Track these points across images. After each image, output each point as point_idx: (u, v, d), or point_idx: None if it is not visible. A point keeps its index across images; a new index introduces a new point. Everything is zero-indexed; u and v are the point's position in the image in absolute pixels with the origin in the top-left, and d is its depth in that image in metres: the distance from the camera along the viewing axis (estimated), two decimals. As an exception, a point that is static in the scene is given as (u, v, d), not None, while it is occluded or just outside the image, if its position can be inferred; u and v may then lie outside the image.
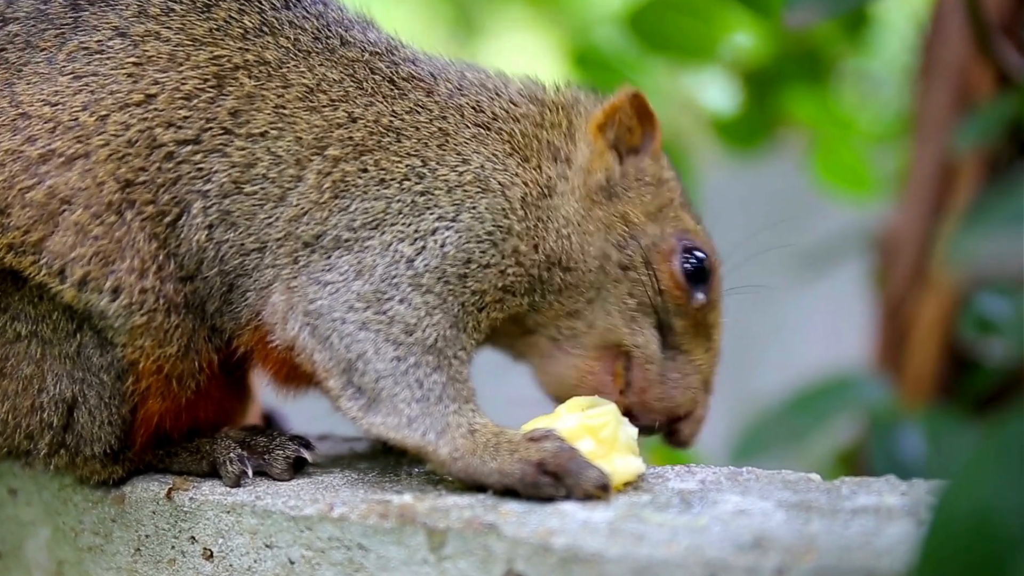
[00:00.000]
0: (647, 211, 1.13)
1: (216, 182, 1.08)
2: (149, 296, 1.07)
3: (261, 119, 1.09)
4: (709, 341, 1.15)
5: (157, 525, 1.11)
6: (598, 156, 1.14)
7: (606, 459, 1.03)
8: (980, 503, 0.69)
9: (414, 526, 0.98)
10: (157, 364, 1.08)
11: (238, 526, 1.05)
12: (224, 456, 1.10)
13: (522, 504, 0.98)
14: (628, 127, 1.15)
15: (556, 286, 1.11)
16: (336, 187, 1.08)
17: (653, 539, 0.91)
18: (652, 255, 1.12)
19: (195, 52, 1.10)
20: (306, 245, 1.07)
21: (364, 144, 1.09)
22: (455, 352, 1.06)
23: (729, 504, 0.97)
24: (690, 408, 1.14)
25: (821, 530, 0.91)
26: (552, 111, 1.16)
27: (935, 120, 1.87)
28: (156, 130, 1.08)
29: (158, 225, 1.08)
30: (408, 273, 1.06)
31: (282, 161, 1.09)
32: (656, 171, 1.16)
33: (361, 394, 1.04)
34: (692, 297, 1.13)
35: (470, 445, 1.01)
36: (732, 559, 0.88)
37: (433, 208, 1.07)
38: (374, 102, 1.11)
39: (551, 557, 0.92)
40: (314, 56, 1.12)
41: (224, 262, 1.09)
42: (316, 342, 1.05)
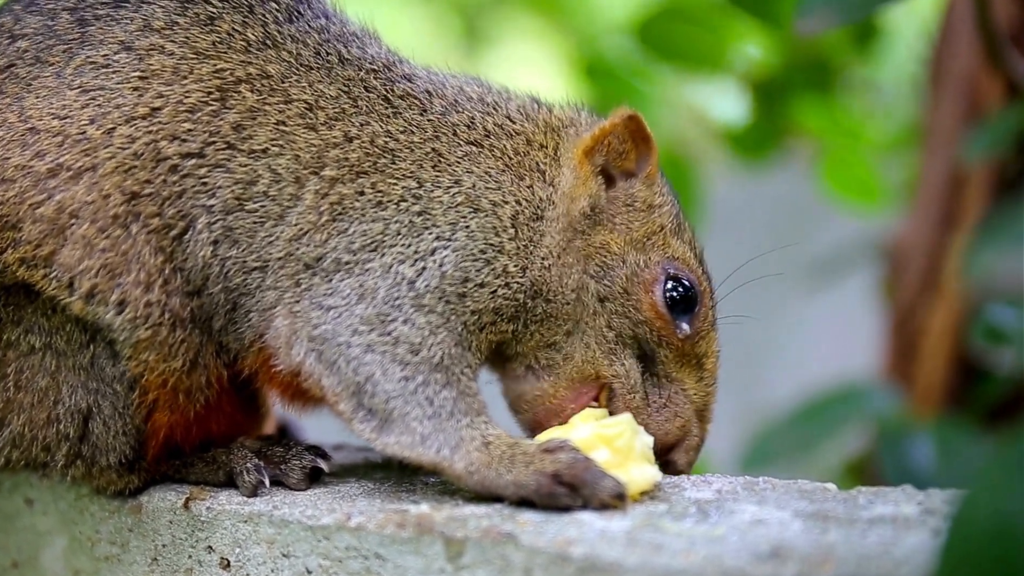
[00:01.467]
0: (632, 239, 1.12)
1: (220, 197, 1.09)
2: (154, 310, 1.08)
3: (262, 135, 1.10)
4: (701, 370, 1.13)
5: (174, 535, 1.11)
6: (582, 182, 1.12)
7: (622, 468, 1.03)
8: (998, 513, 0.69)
9: (432, 535, 0.98)
10: (162, 378, 1.09)
11: (255, 535, 1.06)
12: (241, 466, 1.10)
13: (540, 514, 0.99)
14: (621, 151, 1.13)
15: (537, 316, 1.10)
16: (334, 209, 1.08)
17: (671, 549, 0.91)
18: (632, 285, 1.11)
19: (198, 65, 1.11)
20: (307, 267, 1.08)
21: (360, 166, 1.09)
22: (462, 368, 1.06)
23: (746, 514, 0.98)
24: (679, 436, 1.12)
25: (839, 540, 0.91)
26: (542, 132, 1.15)
27: (944, 130, 1.87)
28: (161, 143, 1.09)
29: (164, 239, 1.09)
30: (410, 294, 1.06)
31: (282, 179, 1.09)
32: (647, 196, 1.14)
33: (373, 416, 1.04)
34: (676, 327, 1.11)
35: (485, 458, 1.02)
36: (750, 569, 0.88)
37: (431, 228, 1.07)
38: (369, 121, 1.11)
39: (569, 567, 0.92)
40: (314, 72, 1.12)
41: (228, 279, 1.09)
42: (323, 367, 1.05)
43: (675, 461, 1.12)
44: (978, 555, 0.69)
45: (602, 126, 1.13)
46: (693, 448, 1.13)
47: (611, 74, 2.24)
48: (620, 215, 1.13)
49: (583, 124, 1.16)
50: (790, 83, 2.11)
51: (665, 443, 1.12)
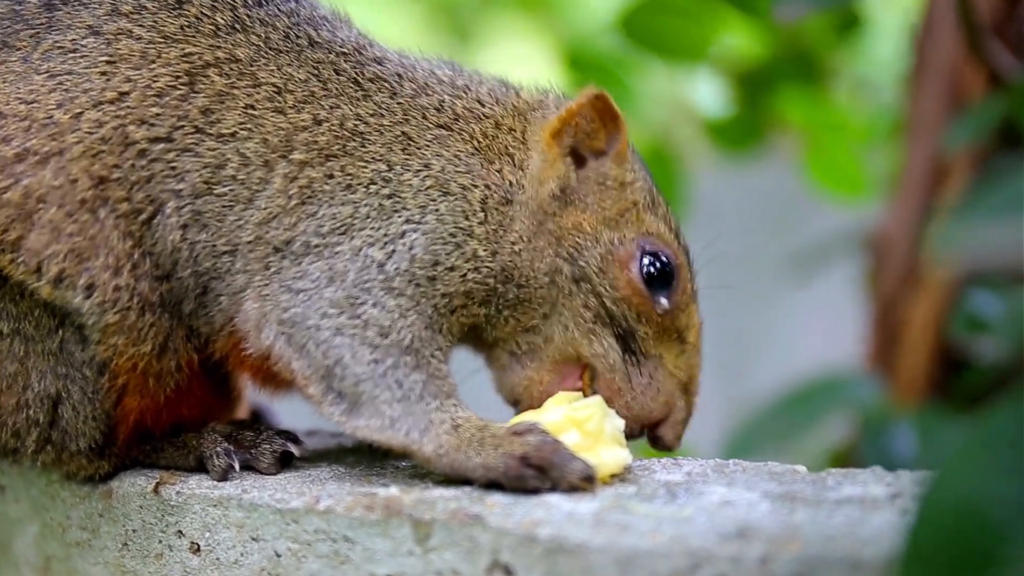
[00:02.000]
0: (605, 217, 1.12)
1: (188, 182, 1.09)
2: (123, 294, 1.07)
3: (231, 119, 1.10)
4: (682, 344, 1.13)
5: (144, 519, 1.11)
6: (550, 165, 1.12)
7: (592, 451, 1.03)
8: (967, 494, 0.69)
9: (400, 518, 0.98)
10: (132, 362, 1.09)
11: (225, 519, 1.06)
12: (211, 450, 1.10)
13: (508, 496, 0.99)
14: (589, 131, 1.13)
15: (510, 301, 1.10)
16: (303, 193, 1.08)
17: (638, 529, 0.91)
18: (607, 263, 1.10)
19: (166, 49, 1.11)
20: (276, 251, 1.07)
21: (329, 149, 1.09)
22: (432, 351, 1.06)
23: (715, 495, 0.98)
24: (664, 413, 1.12)
25: (806, 520, 0.91)
26: (510, 115, 1.14)
27: (927, 121, 1.87)
28: (129, 127, 1.09)
29: (133, 223, 1.08)
30: (379, 277, 1.06)
31: (250, 163, 1.09)
32: (619, 175, 1.14)
33: (342, 399, 1.04)
34: (655, 303, 1.11)
35: (454, 441, 1.02)
36: (716, 549, 0.88)
37: (401, 211, 1.07)
38: (339, 104, 1.10)
39: (536, 548, 0.92)
40: (283, 55, 1.12)
41: (198, 263, 1.09)
42: (293, 351, 1.05)
43: (663, 437, 1.13)
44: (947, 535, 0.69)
45: (569, 107, 1.13)
46: (680, 422, 1.13)
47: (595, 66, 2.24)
48: (592, 195, 1.12)
49: (551, 106, 1.16)
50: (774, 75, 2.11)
51: (650, 420, 1.12)
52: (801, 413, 1.82)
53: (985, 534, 0.66)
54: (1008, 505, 0.66)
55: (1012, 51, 1.75)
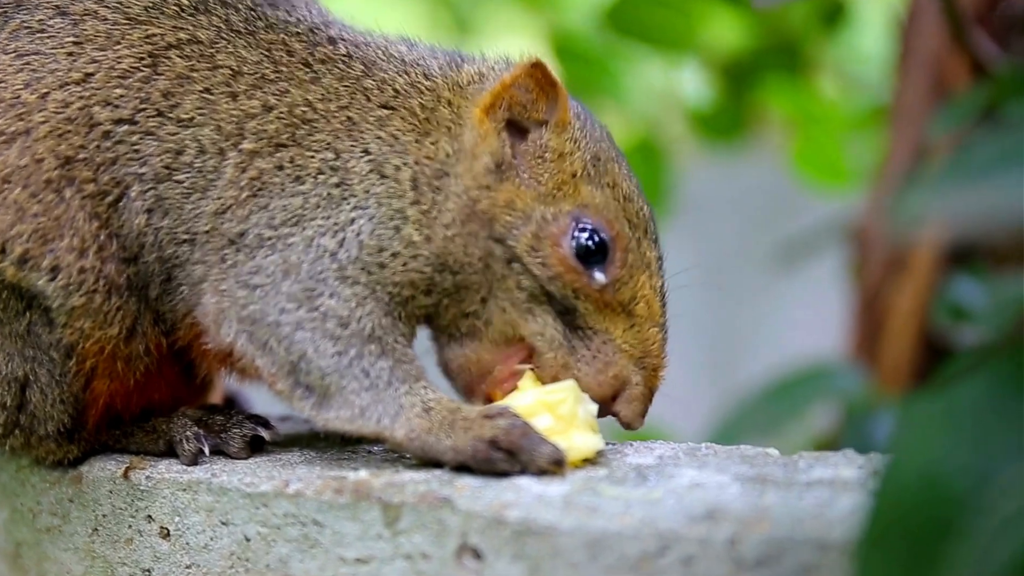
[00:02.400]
0: (540, 193, 1.08)
1: (151, 166, 1.08)
2: (88, 276, 1.06)
3: (189, 103, 1.09)
4: (631, 317, 1.09)
5: (114, 504, 1.10)
6: (482, 140, 1.08)
7: (564, 435, 1.03)
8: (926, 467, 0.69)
9: (369, 501, 0.97)
10: (99, 345, 1.08)
11: (194, 504, 1.05)
12: (181, 435, 1.10)
13: (478, 479, 0.98)
14: (526, 101, 1.09)
15: (448, 289, 1.08)
16: (253, 185, 1.07)
17: (607, 512, 0.91)
18: (538, 241, 1.07)
19: (130, 30, 1.10)
20: (231, 243, 1.06)
21: (279, 138, 1.08)
22: (395, 337, 1.05)
23: (685, 478, 0.97)
24: (615, 388, 1.09)
25: (775, 502, 0.91)
26: (450, 89, 1.11)
27: (911, 110, 1.87)
28: (94, 108, 1.08)
29: (99, 204, 1.08)
30: (333, 267, 1.05)
31: (206, 151, 1.08)
32: (558, 145, 1.09)
33: (311, 392, 1.04)
34: (590, 278, 1.08)
35: (426, 424, 1.01)
36: (684, 530, 0.87)
37: (348, 198, 1.06)
38: (289, 89, 1.09)
39: (505, 530, 0.91)
40: (241, 37, 1.11)
41: (162, 249, 1.08)
42: (255, 348, 1.05)
43: (619, 413, 1.09)
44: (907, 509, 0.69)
45: (502, 80, 1.09)
46: (637, 398, 1.09)
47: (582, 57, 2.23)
48: (529, 169, 1.09)
49: (489, 79, 1.12)
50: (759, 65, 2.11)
51: (602, 396, 1.08)
52: (785, 403, 1.82)
53: (945, 505, 0.66)
54: (967, 475, 0.65)
55: (995, 40, 1.74)
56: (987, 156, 0.70)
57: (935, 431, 0.68)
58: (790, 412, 1.81)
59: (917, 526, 0.66)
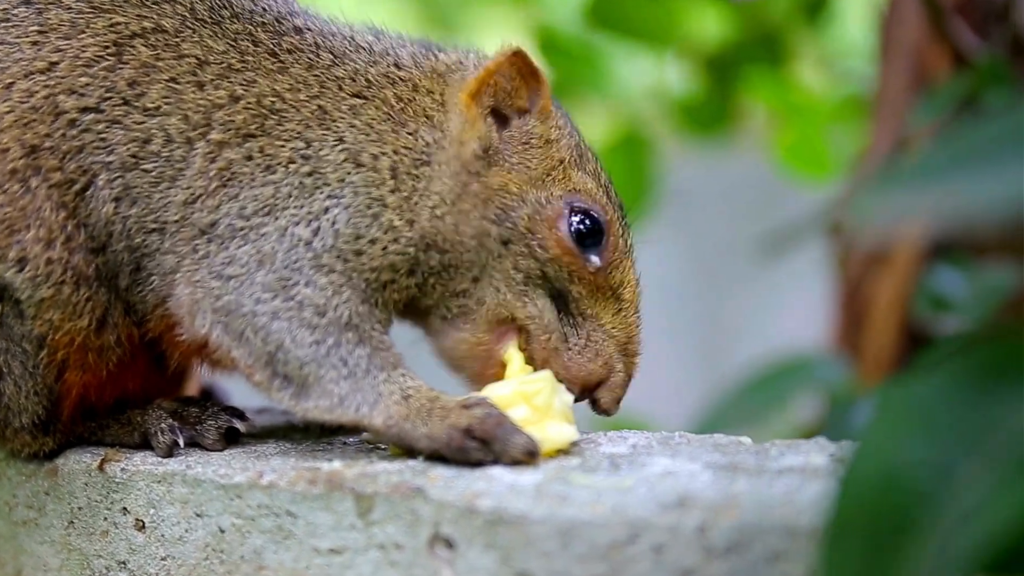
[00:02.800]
0: (531, 177, 1.10)
1: (118, 154, 1.08)
2: (56, 267, 1.06)
3: (155, 92, 1.09)
4: (619, 302, 1.11)
5: (90, 497, 1.10)
6: (470, 125, 1.09)
7: (539, 426, 1.03)
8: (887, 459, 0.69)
9: (342, 492, 0.97)
10: (69, 336, 1.08)
11: (169, 496, 1.05)
12: (156, 427, 1.10)
13: (451, 469, 0.98)
14: (509, 89, 1.10)
15: (434, 268, 1.08)
16: (222, 175, 1.07)
17: (578, 500, 0.91)
18: (535, 223, 1.08)
19: (95, 19, 1.10)
20: (202, 233, 1.06)
21: (247, 128, 1.08)
22: (372, 324, 1.05)
23: (657, 466, 0.97)
24: (603, 375, 1.10)
25: (746, 489, 0.91)
26: (428, 77, 1.12)
27: (893, 101, 1.88)
28: (59, 97, 1.08)
29: (66, 194, 1.08)
30: (308, 255, 1.05)
31: (173, 140, 1.08)
32: (543, 132, 1.11)
33: (289, 382, 1.04)
34: (586, 261, 1.09)
35: (403, 411, 1.01)
36: (655, 518, 0.88)
37: (322, 187, 1.06)
38: (256, 79, 1.09)
39: (477, 519, 0.92)
40: (207, 27, 1.11)
41: (131, 238, 1.08)
42: (231, 339, 1.04)
43: (600, 399, 1.10)
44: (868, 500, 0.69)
45: (487, 67, 1.11)
46: (619, 385, 1.11)
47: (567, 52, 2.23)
48: (517, 154, 1.10)
49: (471, 67, 1.13)
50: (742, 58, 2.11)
51: (588, 383, 1.10)
52: (769, 394, 1.83)
53: (905, 499, 0.66)
54: (928, 469, 0.66)
55: (975, 30, 1.75)
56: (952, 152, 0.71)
57: (898, 423, 0.68)
58: (773, 403, 1.82)
59: (879, 518, 0.67)
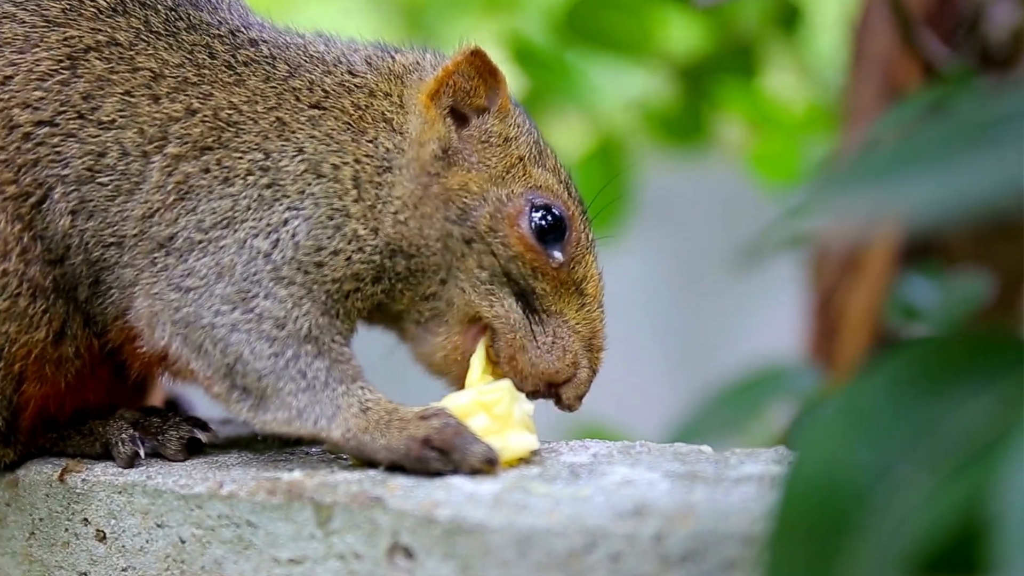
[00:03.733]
0: (491, 175, 1.10)
1: (73, 168, 1.08)
2: (11, 279, 1.06)
3: (109, 106, 1.09)
4: (582, 297, 1.12)
5: (51, 508, 1.10)
6: (429, 126, 1.10)
7: (500, 435, 1.03)
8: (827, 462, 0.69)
9: (301, 501, 0.98)
10: (26, 349, 1.08)
11: (130, 506, 1.05)
12: (117, 437, 1.10)
13: (411, 479, 0.99)
14: (468, 88, 1.11)
15: (401, 274, 1.09)
16: (179, 189, 1.07)
17: (536, 509, 0.91)
18: (497, 222, 1.09)
19: (48, 33, 1.10)
20: (160, 246, 1.07)
21: (204, 141, 1.08)
22: (332, 337, 1.05)
23: (616, 475, 0.98)
24: (570, 372, 1.11)
25: (703, 498, 0.92)
26: (385, 80, 1.13)
27: (864, 110, 1.89)
28: (14, 111, 1.08)
29: (22, 206, 1.08)
30: (267, 268, 1.05)
31: (129, 154, 1.08)
32: (502, 130, 1.12)
33: (248, 394, 1.04)
34: (549, 256, 1.10)
35: (362, 423, 1.02)
36: (612, 526, 0.88)
37: (281, 199, 1.06)
38: (213, 92, 1.09)
39: (435, 529, 0.92)
40: (162, 39, 1.11)
41: (88, 251, 1.08)
42: (190, 351, 1.05)
43: (563, 395, 1.11)
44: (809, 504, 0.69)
45: (445, 66, 1.11)
46: (583, 382, 1.11)
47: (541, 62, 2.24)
48: (476, 153, 1.11)
49: (428, 67, 1.14)
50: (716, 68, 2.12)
51: (556, 380, 1.10)
52: (743, 403, 1.83)
53: (845, 502, 0.66)
54: (866, 471, 0.66)
55: (944, 41, 1.76)
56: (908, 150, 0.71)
57: (838, 425, 0.69)
58: (747, 412, 1.82)
59: (819, 521, 0.67)
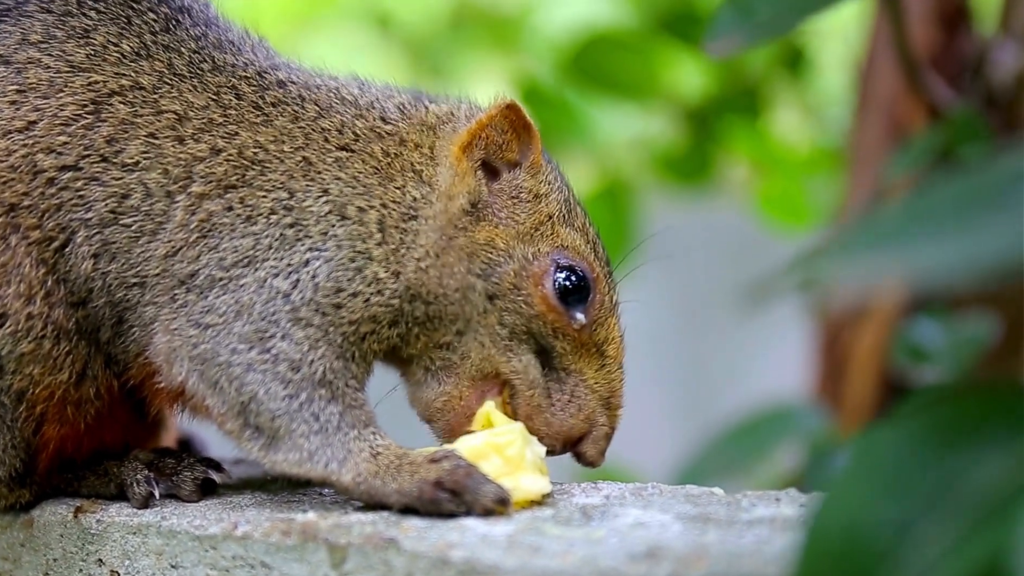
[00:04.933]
0: (519, 232, 1.10)
1: (96, 211, 1.09)
2: (37, 322, 1.07)
3: (134, 148, 1.10)
4: (602, 358, 1.12)
5: (65, 548, 1.11)
6: (460, 179, 1.10)
7: (512, 477, 1.04)
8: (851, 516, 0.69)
9: (316, 542, 0.98)
10: (49, 391, 1.09)
11: (144, 547, 1.06)
12: (132, 478, 1.10)
13: (425, 520, 0.99)
14: (501, 142, 1.11)
15: (419, 318, 1.08)
16: (202, 227, 1.08)
17: (549, 551, 0.92)
18: (521, 280, 1.09)
19: (73, 78, 1.12)
20: (181, 283, 1.07)
21: (228, 179, 1.09)
22: (346, 381, 1.06)
23: (629, 517, 0.98)
24: (585, 429, 1.11)
25: (715, 540, 0.92)
26: (417, 130, 1.12)
27: (870, 152, 1.90)
28: (38, 155, 1.10)
29: (45, 251, 1.09)
30: (286, 308, 1.05)
31: (152, 194, 1.09)
32: (533, 186, 1.12)
33: (260, 434, 1.05)
34: (571, 318, 1.10)
35: (373, 468, 1.02)
36: (625, 568, 0.88)
37: (303, 239, 1.07)
38: (239, 131, 1.10)
39: (449, 570, 0.92)
40: (186, 82, 1.12)
41: (111, 293, 1.09)
42: (206, 387, 1.05)
43: (585, 453, 1.11)
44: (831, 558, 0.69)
45: (479, 119, 1.11)
46: (602, 438, 1.11)
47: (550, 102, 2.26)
48: (505, 208, 1.11)
49: (462, 119, 1.13)
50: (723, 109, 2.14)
51: (570, 437, 1.10)
52: (750, 444, 1.83)
53: (867, 557, 0.66)
54: (888, 527, 0.66)
55: (950, 84, 1.78)
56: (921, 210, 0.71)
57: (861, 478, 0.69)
58: (754, 453, 1.82)
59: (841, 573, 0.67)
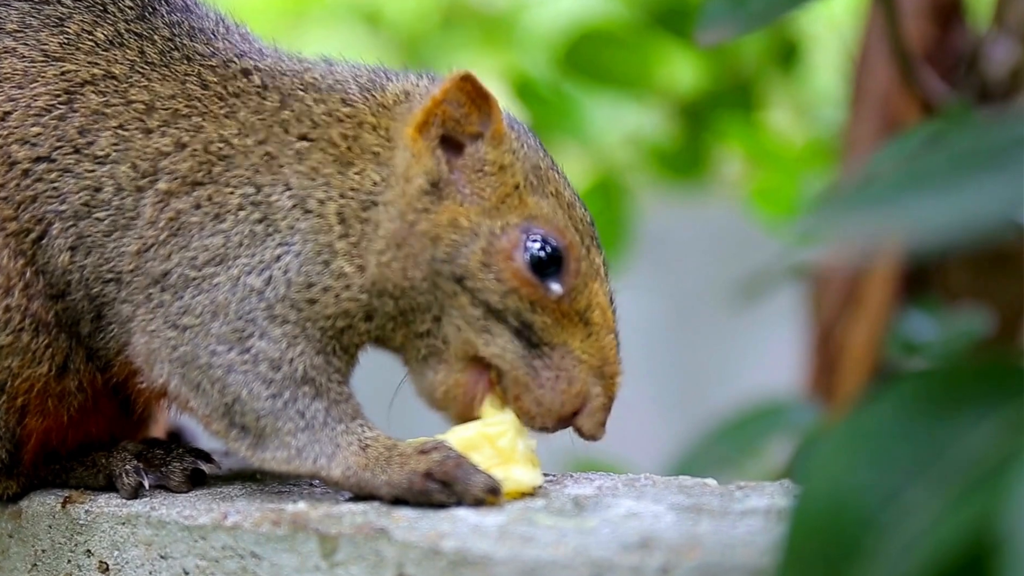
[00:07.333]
0: (485, 207, 1.06)
1: (70, 204, 1.08)
2: (14, 314, 1.06)
3: (104, 140, 1.08)
4: (588, 326, 1.07)
5: (53, 539, 1.10)
6: (416, 160, 1.06)
7: (503, 469, 1.03)
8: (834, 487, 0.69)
9: (306, 532, 0.97)
10: (29, 383, 1.07)
11: (133, 538, 1.05)
12: (120, 469, 1.09)
13: (416, 510, 0.98)
14: (459, 116, 1.06)
15: (391, 314, 1.06)
16: (171, 225, 1.06)
17: (541, 541, 0.91)
18: (490, 256, 1.05)
19: (46, 68, 1.10)
20: (155, 282, 1.06)
21: (194, 176, 1.07)
22: (329, 376, 1.05)
23: (621, 508, 0.98)
24: (578, 404, 1.06)
25: (709, 530, 0.92)
26: (374, 112, 1.09)
27: (862, 146, 1.90)
28: (12, 147, 1.08)
29: (23, 242, 1.08)
30: (261, 306, 1.04)
31: (123, 188, 1.08)
32: (496, 157, 1.07)
33: (247, 433, 1.04)
34: (546, 289, 1.05)
35: (362, 461, 1.01)
36: (618, 559, 0.88)
37: (273, 235, 1.05)
38: (203, 124, 1.08)
39: (441, 560, 0.92)
40: (156, 71, 1.10)
41: (89, 287, 1.08)
42: (188, 389, 1.05)
43: (582, 427, 1.07)
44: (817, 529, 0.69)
45: (433, 96, 1.06)
46: (599, 409, 1.07)
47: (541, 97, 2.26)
48: (470, 184, 1.07)
49: (417, 97, 1.09)
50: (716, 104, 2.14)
51: (564, 413, 1.06)
52: (742, 439, 1.83)
53: (852, 526, 0.66)
54: (872, 495, 0.66)
55: (943, 79, 1.78)
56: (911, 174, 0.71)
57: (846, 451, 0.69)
58: (747, 447, 1.82)
59: (827, 546, 0.67)
